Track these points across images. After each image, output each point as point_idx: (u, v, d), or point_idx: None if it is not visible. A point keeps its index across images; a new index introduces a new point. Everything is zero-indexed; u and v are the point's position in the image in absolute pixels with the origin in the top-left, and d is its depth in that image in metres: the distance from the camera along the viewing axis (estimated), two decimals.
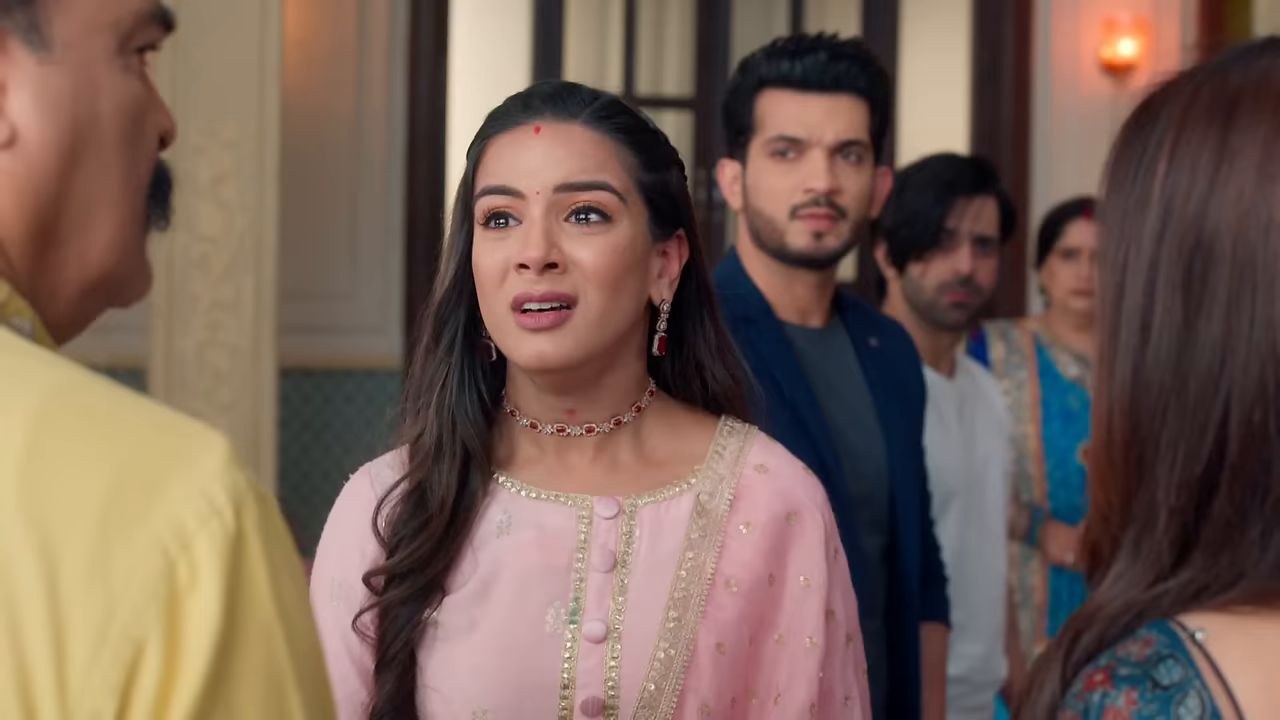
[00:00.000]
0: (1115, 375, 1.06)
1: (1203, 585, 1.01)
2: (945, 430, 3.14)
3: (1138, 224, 1.05)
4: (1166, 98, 1.07)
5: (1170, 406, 1.03)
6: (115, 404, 0.91)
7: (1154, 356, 1.03)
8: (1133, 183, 1.06)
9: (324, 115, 5.69)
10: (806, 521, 1.68)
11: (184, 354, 5.05)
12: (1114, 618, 1.02)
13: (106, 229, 1.01)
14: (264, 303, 5.08)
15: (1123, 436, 1.05)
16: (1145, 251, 1.04)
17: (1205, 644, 0.99)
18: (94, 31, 0.99)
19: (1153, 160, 1.05)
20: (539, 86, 1.68)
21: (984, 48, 5.99)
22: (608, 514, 1.65)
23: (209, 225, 5.02)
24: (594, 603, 1.63)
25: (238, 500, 0.89)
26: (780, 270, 2.52)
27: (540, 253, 1.58)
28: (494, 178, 1.63)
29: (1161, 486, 1.03)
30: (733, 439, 1.71)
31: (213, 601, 0.86)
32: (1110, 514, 1.06)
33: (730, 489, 1.67)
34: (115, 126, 1.00)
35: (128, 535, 0.86)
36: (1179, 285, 1.03)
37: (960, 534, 3.13)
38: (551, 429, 1.67)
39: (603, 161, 1.62)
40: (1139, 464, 1.04)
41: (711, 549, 1.64)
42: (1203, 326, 1.02)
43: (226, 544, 0.87)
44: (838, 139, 2.49)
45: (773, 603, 1.65)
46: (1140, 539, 1.04)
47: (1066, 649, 1.03)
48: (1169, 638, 1.00)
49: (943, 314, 3.16)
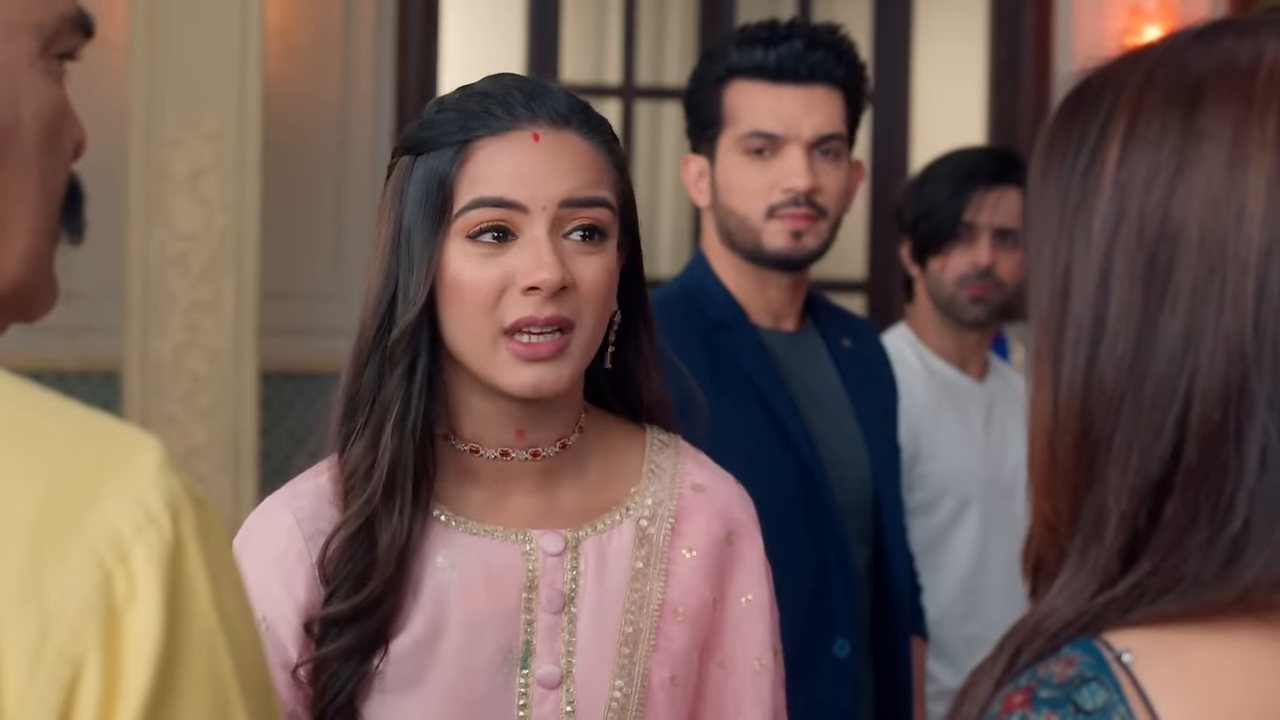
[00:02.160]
0: (1062, 375, 1.04)
1: (1141, 592, 1.00)
2: (967, 432, 3.17)
3: (1084, 213, 1.04)
4: (1107, 82, 1.07)
5: (1125, 406, 1.02)
6: (38, 410, 0.91)
7: (1108, 353, 1.02)
8: (1074, 171, 1.05)
9: (308, 105, 5.66)
10: (746, 540, 1.70)
11: (160, 357, 5.03)
12: (1057, 632, 1.01)
13: (21, 240, 1.00)
14: (245, 303, 5.07)
15: (1072, 439, 1.04)
16: (1096, 243, 1.03)
17: (1131, 666, 0.98)
18: (16, 32, 0.99)
19: (1099, 147, 1.04)
20: (506, 82, 1.64)
21: (1002, 36, 5.97)
22: (554, 550, 1.64)
23: (187, 222, 5.00)
24: (545, 646, 1.62)
25: (174, 506, 0.88)
26: (752, 272, 2.50)
27: (556, 275, 1.55)
28: (488, 187, 1.58)
29: (1112, 491, 1.02)
30: (665, 454, 1.71)
31: (153, 614, 0.86)
32: (1057, 522, 1.05)
33: (670, 512, 1.67)
34: (34, 132, 1.00)
35: (61, 550, 0.86)
36: (1139, 278, 1.02)
37: (980, 542, 3.16)
38: (494, 453, 1.64)
39: (600, 175, 1.61)
40: (1089, 468, 1.03)
41: (657, 578, 1.65)
42: (1165, 321, 1.01)
43: (165, 553, 0.87)
44: (816, 134, 2.47)
45: (716, 627, 1.67)
46: (1088, 547, 1.03)
47: (1005, 664, 1.02)
48: (1094, 658, 0.99)
49: (962, 309, 3.18)
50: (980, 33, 6.09)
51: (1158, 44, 1.08)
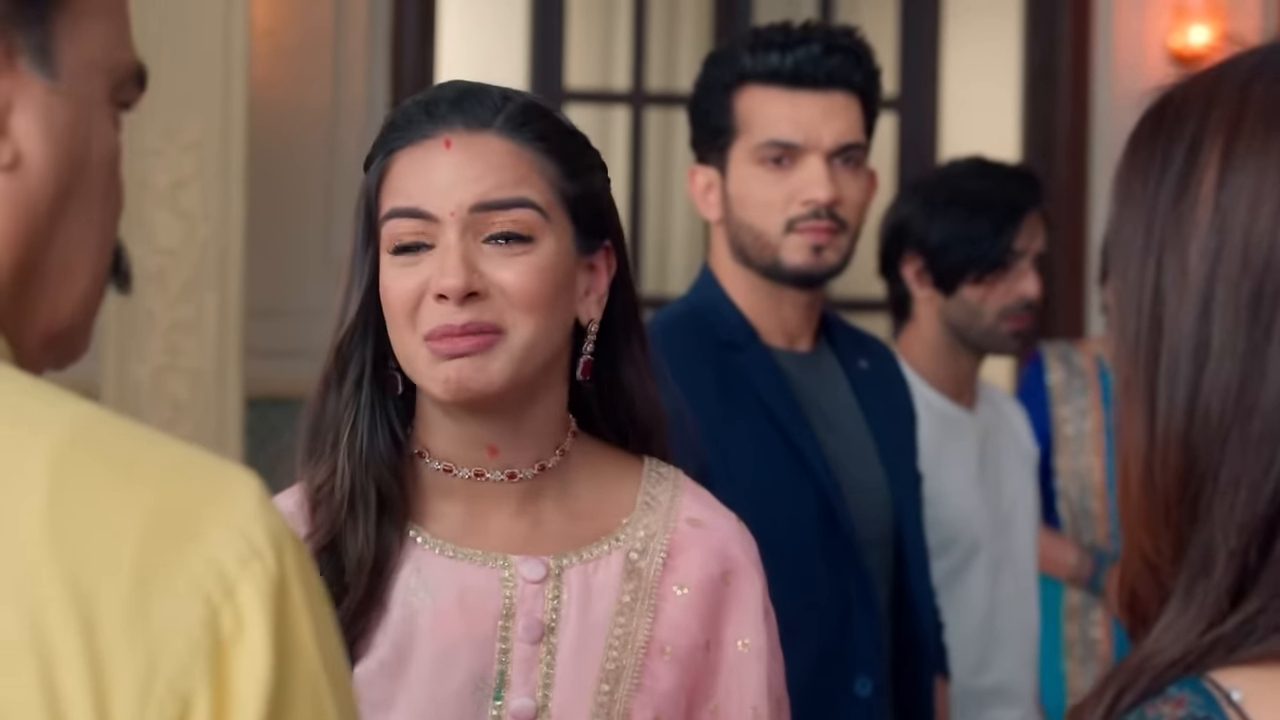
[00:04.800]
0: (1158, 406, 1.06)
1: (1250, 630, 1.02)
2: (965, 472, 3.19)
3: (1177, 240, 1.06)
4: (1191, 101, 1.09)
5: (1231, 440, 1.03)
6: (136, 442, 0.95)
7: (1212, 385, 1.04)
8: (1159, 195, 1.08)
9: (296, 112, 5.66)
10: (744, 581, 1.72)
11: (139, 380, 4.99)
12: (1162, 671, 1.03)
13: (82, 281, 1.06)
14: (229, 322, 5.04)
15: (1175, 472, 1.06)
16: (1195, 270, 1.05)
17: (1243, 705, 0.99)
18: (95, 71, 1.05)
19: (1189, 170, 1.07)
20: (443, 89, 1.70)
21: (1037, 38, 5.93)
22: (534, 577, 1.67)
23: (167, 236, 4.97)
24: (520, 677, 1.65)
25: (278, 541, 0.93)
26: (767, 289, 2.51)
27: (460, 281, 1.60)
28: (401, 198, 1.64)
29: (1219, 527, 1.04)
30: (662, 486, 1.74)
31: (260, 652, 0.90)
32: (1158, 560, 1.08)
33: (663, 546, 1.70)
34: (100, 175, 1.05)
35: (166, 583, 0.90)
36: (1244, 307, 1.04)
37: (990, 588, 3.18)
38: (468, 473, 1.68)
39: (521, 175, 1.64)
40: (1194, 503, 1.05)
41: (644, 614, 1.67)
42: (1273, 353, 1.03)
43: (270, 588, 0.91)
44: (836, 142, 2.48)
45: (709, 671, 1.69)
46: (1194, 584, 1.05)
47: (1108, 706, 1.04)
48: (1203, 698, 1.00)
49: (1002, 342, 3.21)
50: (1014, 35, 6.07)
51: (1244, 59, 1.10)
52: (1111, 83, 5.86)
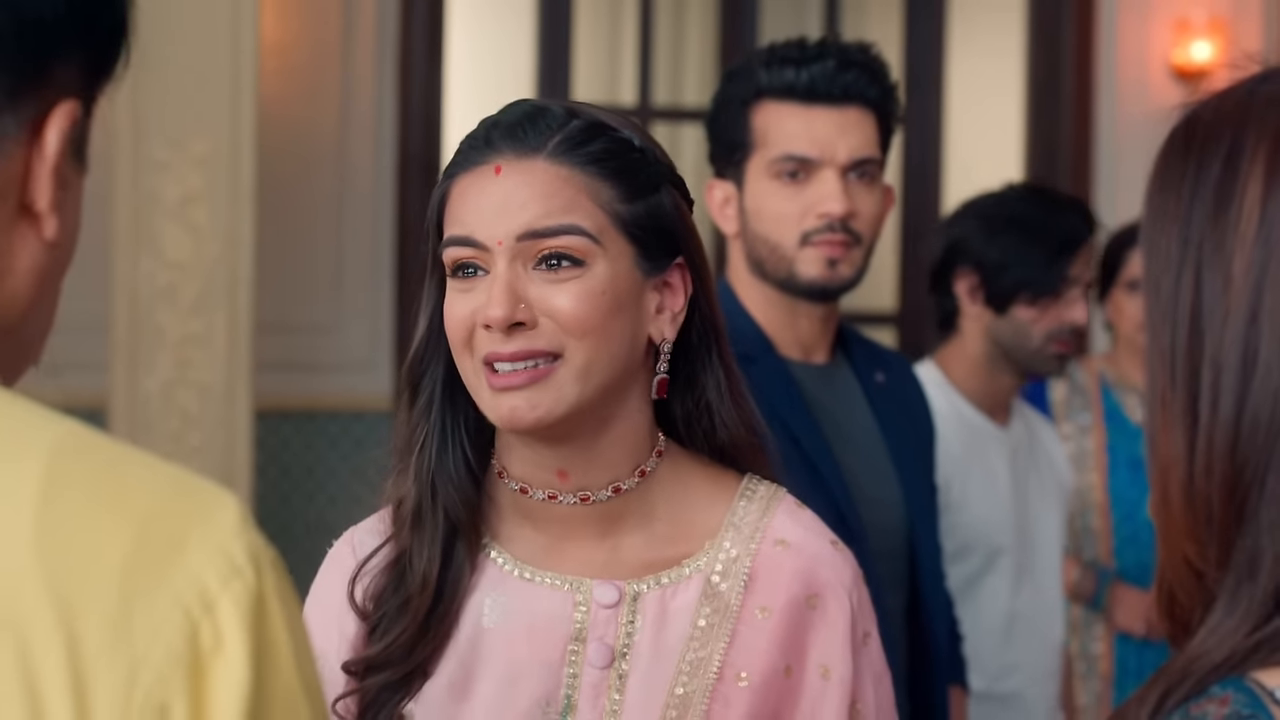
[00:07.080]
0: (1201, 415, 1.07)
1: None
2: (992, 482, 3.21)
3: (1218, 251, 1.07)
4: (1223, 117, 1.09)
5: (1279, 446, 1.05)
6: (122, 461, 0.98)
7: (1262, 392, 1.05)
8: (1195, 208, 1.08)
9: (305, 128, 5.69)
10: (830, 604, 1.67)
11: (148, 394, 5.03)
12: (1206, 674, 1.04)
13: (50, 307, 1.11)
14: (238, 337, 5.07)
15: (1222, 479, 1.06)
16: (1241, 280, 1.06)
17: None
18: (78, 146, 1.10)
19: (1227, 182, 1.07)
20: (509, 110, 1.68)
21: (1041, 52, 5.99)
22: (608, 601, 1.65)
23: (176, 251, 5.00)
24: (588, 703, 1.63)
25: (257, 560, 0.96)
26: (783, 303, 2.53)
27: (504, 312, 1.59)
28: (456, 225, 1.64)
29: (1266, 530, 1.04)
30: (754, 505, 1.70)
31: (239, 665, 0.93)
32: (1204, 566, 1.08)
33: (745, 568, 1.66)
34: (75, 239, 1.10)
35: (149, 597, 0.93)
36: None
37: (1010, 596, 3.19)
38: (543, 494, 1.67)
39: (570, 200, 1.62)
40: (1241, 508, 1.06)
41: (720, 638, 1.64)
42: None
43: (250, 605, 0.94)
44: (851, 157, 2.50)
45: (789, 698, 1.65)
46: (1239, 588, 1.05)
47: (1153, 707, 1.04)
48: (1248, 697, 1.01)
49: (1046, 363, 3.25)
50: (1017, 49, 6.11)
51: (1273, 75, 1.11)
52: (1114, 98, 5.89)
